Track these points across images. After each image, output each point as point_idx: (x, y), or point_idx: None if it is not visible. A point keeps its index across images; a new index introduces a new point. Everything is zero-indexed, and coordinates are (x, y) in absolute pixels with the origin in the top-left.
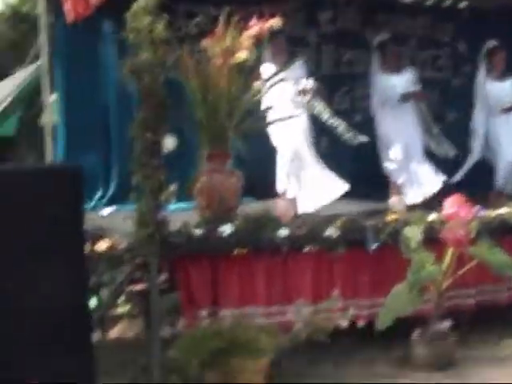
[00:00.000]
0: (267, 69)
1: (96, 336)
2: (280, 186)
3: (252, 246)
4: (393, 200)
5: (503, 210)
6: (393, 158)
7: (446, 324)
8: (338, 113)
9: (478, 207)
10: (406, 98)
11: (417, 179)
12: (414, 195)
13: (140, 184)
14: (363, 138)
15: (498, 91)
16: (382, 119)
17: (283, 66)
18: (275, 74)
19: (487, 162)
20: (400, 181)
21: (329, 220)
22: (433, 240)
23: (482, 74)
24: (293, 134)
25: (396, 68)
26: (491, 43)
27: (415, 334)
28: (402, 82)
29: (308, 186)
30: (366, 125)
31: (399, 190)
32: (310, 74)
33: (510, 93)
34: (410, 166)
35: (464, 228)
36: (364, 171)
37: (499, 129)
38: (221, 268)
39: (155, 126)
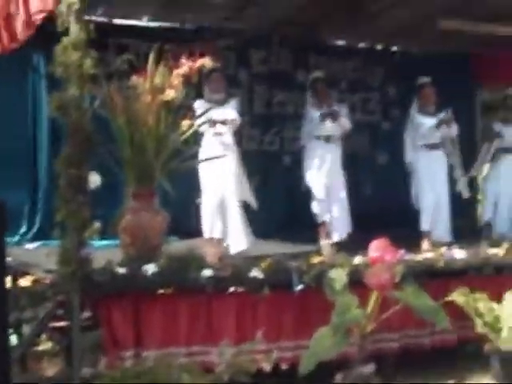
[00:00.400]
0: (202, 106)
1: (16, 374)
2: (205, 227)
3: (176, 285)
4: (322, 242)
5: (429, 254)
6: (317, 198)
7: (370, 367)
8: (268, 154)
9: (403, 251)
10: (323, 116)
11: (336, 219)
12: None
13: (64, 220)
14: None
15: (424, 127)
16: (308, 155)
17: (219, 103)
18: (207, 111)
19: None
20: (325, 220)
21: (254, 261)
22: (358, 283)
23: (413, 108)
24: (220, 175)
25: (326, 104)
26: (423, 79)
27: (338, 378)
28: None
29: (231, 229)
30: (296, 166)
31: (327, 232)
32: (242, 113)
33: (430, 132)
34: (332, 206)
35: (388, 272)
36: (294, 212)
37: (421, 169)
38: (144, 307)
39: (80, 161)
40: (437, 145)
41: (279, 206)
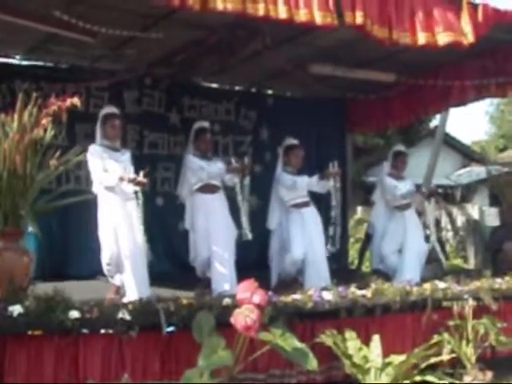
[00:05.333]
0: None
1: None
2: (107, 271)
3: (42, 327)
4: None
5: (297, 296)
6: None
7: None
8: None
9: (270, 292)
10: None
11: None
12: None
13: None
14: None
15: (288, 186)
16: (189, 206)
17: (114, 150)
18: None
19: None
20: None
21: (122, 303)
22: (227, 324)
23: (279, 166)
24: (115, 221)
25: (206, 154)
26: (289, 141)
27: None
28: (214, 169)
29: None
30: (169, 207)
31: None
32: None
33: (300, 190)
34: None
35: (254, 313)
36: (172, 253)
37: (291, 226)
38: (9, 349)
39: None
40: (307, 202)
41: (157, 245)
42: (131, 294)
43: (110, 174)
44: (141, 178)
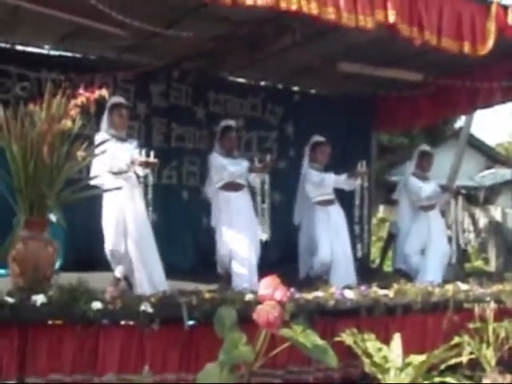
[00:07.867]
0: (101, 137)
1: None
2: (111, 261)
3: (65, 317)
4: None
5: (319, 293)
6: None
7: None
8: (166, 187)
9: (293, 289)
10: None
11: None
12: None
13: None
14: None
15: (315, 182)
16: (215, 204)
17: (120, 141)
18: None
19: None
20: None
21: (145, 295)
22: (249, 320)
23: (306, 163)
24: (122, 209)
25: (231, 152)
26: (316, 138)
27: None
28: (237, 168)
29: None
30: (194, 201)
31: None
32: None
33: (327, 187)
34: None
35: (276, 310)
36: (197, 246)
37: (317, 225)
38: (31, 337)
39: None
40: (333, 200)
41: (181, 239)
42: (142, 285)
43: (120, 159)
44: (151, 159)
